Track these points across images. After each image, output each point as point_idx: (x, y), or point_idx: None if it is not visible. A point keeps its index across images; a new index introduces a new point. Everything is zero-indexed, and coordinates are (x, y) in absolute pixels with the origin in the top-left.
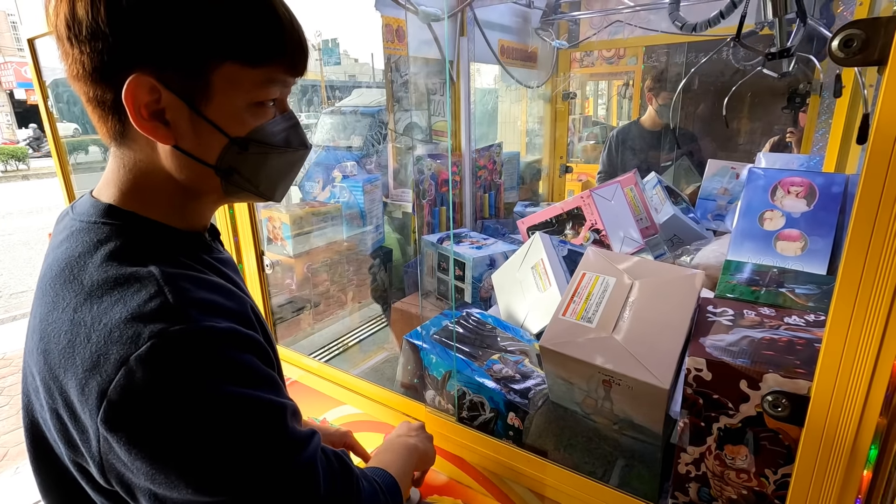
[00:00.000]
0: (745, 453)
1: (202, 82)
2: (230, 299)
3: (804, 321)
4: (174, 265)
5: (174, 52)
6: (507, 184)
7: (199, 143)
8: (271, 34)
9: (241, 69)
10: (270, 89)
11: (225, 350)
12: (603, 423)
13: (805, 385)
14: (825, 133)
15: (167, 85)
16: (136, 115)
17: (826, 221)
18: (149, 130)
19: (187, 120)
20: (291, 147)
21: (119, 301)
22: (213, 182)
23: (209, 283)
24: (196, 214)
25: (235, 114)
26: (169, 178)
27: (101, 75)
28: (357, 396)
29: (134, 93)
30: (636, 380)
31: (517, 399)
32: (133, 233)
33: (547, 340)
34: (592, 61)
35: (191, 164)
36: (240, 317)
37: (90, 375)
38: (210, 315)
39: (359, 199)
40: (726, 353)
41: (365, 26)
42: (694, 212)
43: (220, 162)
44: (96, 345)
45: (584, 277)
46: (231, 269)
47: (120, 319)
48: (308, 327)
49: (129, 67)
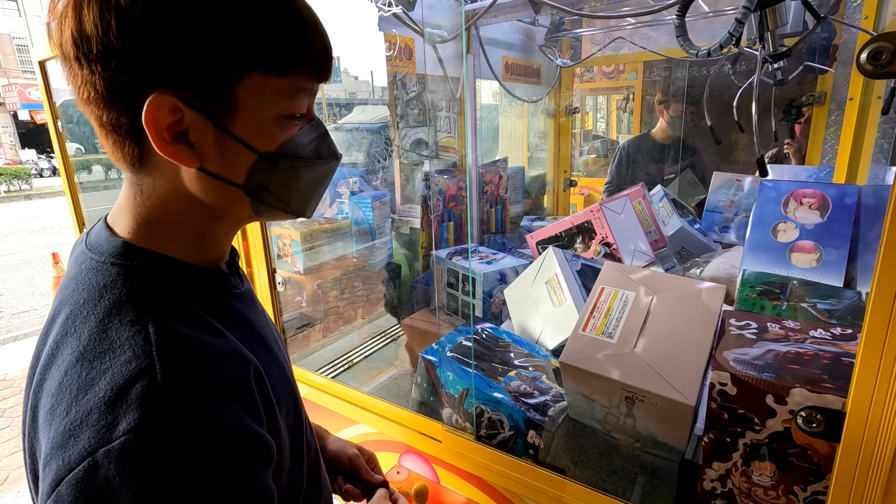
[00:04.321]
0: (772, 470)
1: (227, 97)
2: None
3: (830, 334)
4: (183, 319)
5: (195, 66)
6: (513, 198)
7: (227, 162)
8: (296, 39)
9: (267, 79)
10: (299, 99)
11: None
12: (624, 440)
13: (834, 400)
14: (834, 144)
15: (189, 103)
16: (159, 138)
17: (840, 233)
18: (172, 154)
19: (212, 139)
20: (322, 158)
21: (107, 372)
22: (243, 203)
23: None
24: (217, 242)
25: (263, 128)
26: (192, 204)
27: (116, 97)
28: (370, 415)
29: (155, 115)
30: (660, 396)
31: (537, 416)
32: (142, 278)
33: (567, 356)
34: (592, 76)
35: (218, 186)
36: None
37: (55, 454)
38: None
39: (367, 216)
40: (751, 367)
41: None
42: (700, 224)
43: (250, 181)
44: (72, 421)
45: (602, 292)
46: (248, 304)
47: (102, 399)
48: (316, 343)
49: (147, 87)
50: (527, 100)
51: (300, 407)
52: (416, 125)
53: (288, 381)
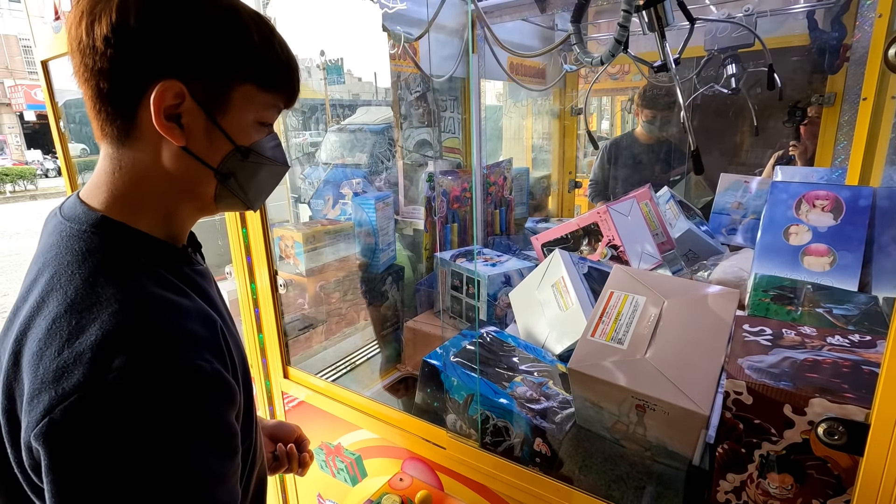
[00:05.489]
0: (789, 482)
1: (223, 96)
2: (206, 327)
3: (848, 341)
4: (159, 283)
5: (206, 66)
6: (517, 200)
7: (208, 147)
8: (283, 68)
9: (256, 91)
10: (272, 112)
11: (189, 398)
12: (633, 448)
13: (855, 411)
14: (847, 145)
15: (192, 94)
16: (159, 114)
17: (854, 236)
18: (165, 130)
19: (202, 126)
20: (279, 162)
21: (96, 321)
22: (209, 185)
23: (188, 309)
24: (181, 222)
25: (243, 127)
26: (165, 181)
27: (130, 74)
28: (373, 420)
29: (162, 95)
30: (673, 405)
31: (543, 423)
32: (122, 245)
33: (576, 362)
34: (597, 77)
35: (194, 166)
36: (214, 348)
37: (46, 387)
38: (184, 349)
39: (371, 217)
40: (767, 375)
41: (369, 46)
42: (708, 226)
43: (222, 166)
44: (65, 360)
45: (612, 296)
46: (208, 282)
47: (94, 342)
48: (318, 345)
49: (160, 73)
50: (535, 89)
51: (250, 378)
52: (419, 126)
53: (239, 346)
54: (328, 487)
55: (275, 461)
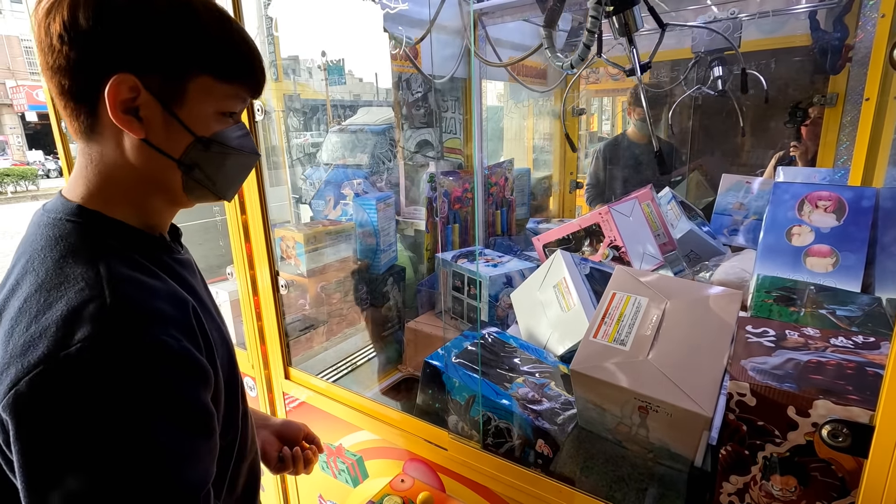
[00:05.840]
0: (793, 484)
1: (179, 89)
2: (175, 306)
3: (852, 343)
4: (128, 265)
5: (160, 59)
6: (518, 200)
7: (168, 139)
8: (243, 59)
9: (214, 82)
10: (235, 103)
11: (154, 373)
12: (636, 450)
13: (860, 413)
14: (849, 146)
15: (147, 86)
16: (115, 108)
17: (857, 237)
18: (122, 123)
19: (160, 118)
20: (245, 151)
21: (63, 297)
22: (175, 176)
23: (156, 289)
24: (155, 213)
25: (203, 118)
26: (132, 174)
27: (86, 70)
28: (374, 421)
29: (117, 89)
30: (676, 407)
31: (546, 425)
32: (94, 231)
33: (578, 364)
34: (598, 78)
35: (156, 158)
36: (183, 327)
37: (13, 360)
38: (149, 325)
39: (372, 218)
40: (771, 376)
41: (371, 46)
42: (709, 226)
43: (185, 157)
44: (32, 335)
45: (614, 297)
46: (188, 270)
47: (59, 316)
48: (319, 346)
49: (114, 67)
50: (536, 90)
51: (234, 361)
52: (421, 126)
53: (223, 335)
54: (329, 488)
55: (280, 462)
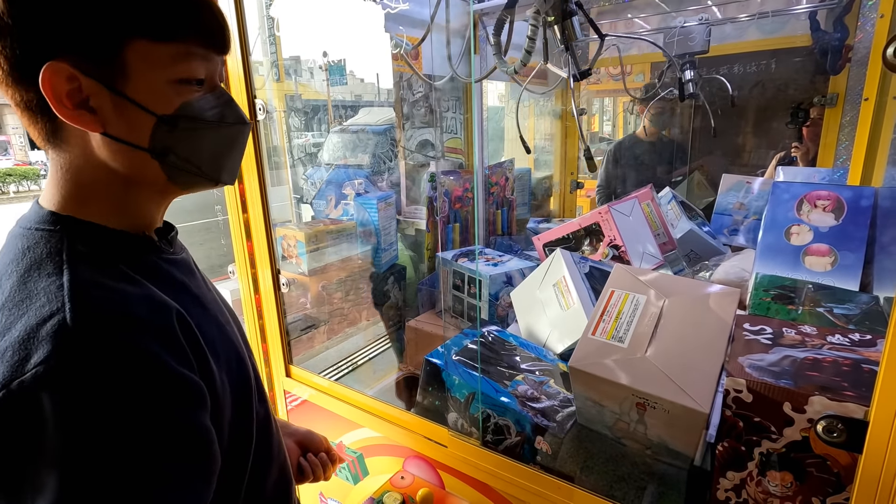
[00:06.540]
0: (789, 480)
1: (116, 63)
2: (152, 311)
3: (849, 340)
4: (99, 270)
5: (81, 35)
6: (519, 200)
7: (129, 126)
8: (178, 9)
9: (153, 45)
10: (191, 65)
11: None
12: (635, 447)
13: (855, 408)
14: (848, 145)
15: (84, 71)
16: (59, 105)
17: (856, 236)
18: (74, 119)
19: (110, 103)
20: (226, 122)
21: (23, 317)
22: (152, 167)
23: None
24: (140, 211)
25: (159, 91)
26: (107, 172)
27: (20, 73)
28: (375, 419)
29: (51, 81)
30: (673, 403)
31: (544, 422)
32: (63, 238)
33: (576, 361)
34: (599, 78)
35: (125, 150)
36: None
37: None
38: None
39: (373, 217)
40: (767, 373)
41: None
42: (709, 226)
43: (153, 143)
44: None
45: (612, 295)
46: (182, 269)
47: (16, 338)
48: (320, 345)
49: (43, 59)
50: (537, 91)
51: (246, 367)
52: (422, 126)
53: (228, 339)
54: (330, 486)
55: (299, 473)
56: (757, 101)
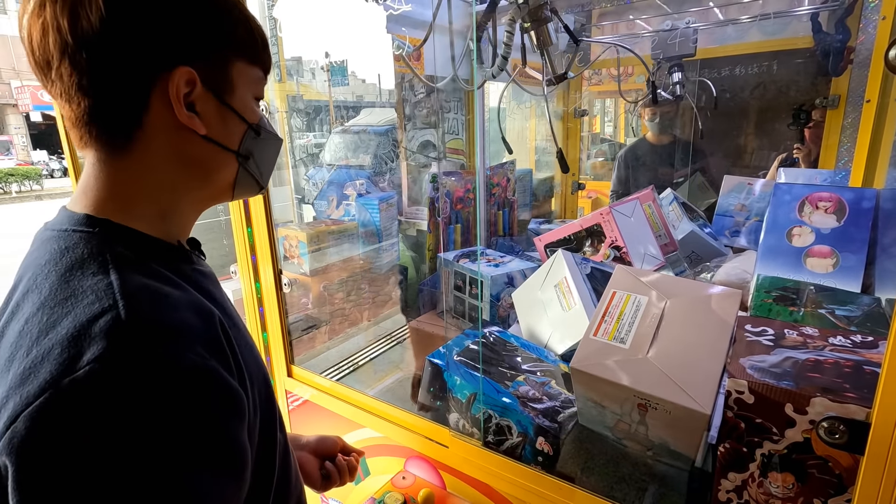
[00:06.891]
0: (791, 481)
1: (226, 76)
2: (200, 318)
3: (850, 342)
4: (145, 274)
5: (203, 47)
6: (520, 201)
7: (225, 131)
8: (262, 38)
9: (247, 66)
10: (261, 86)
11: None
12: (636, 448)
13: (856, 410)
14: (850, 147)
15: (201, 78)
16: (180, 105)
17: (857, 237)
18: (188, 120)
19: (215, 110)
20: (278, 136)
21: (69, 314)
22: (230, 169)
23: (178, 299)
24: (181, 218)
25: (248, 105)
26: (174, 176)
27: (125, 77)
28: (376, 419)
29: (178, 85)
30: (675, 404)
31: (546, 423)
32: (104, 240)
33: (578, 362)
34: (601, 79)
35: (214, 152)
36: (209, 342)
37: (12, 393)
38: (172, 341)
39: (374, 218)
40: (769, 374)
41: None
42: (711, 228)
43: (242, 147)
44: (33, 360)
45: (614, 296)
46: (213, 283)
47: (65, 335)
48: (322, 345)
49: (161, 65)
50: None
51: (272, 392)
52: (423, 127)
53: (257, 361)
54: None
55: (325, 479)
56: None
